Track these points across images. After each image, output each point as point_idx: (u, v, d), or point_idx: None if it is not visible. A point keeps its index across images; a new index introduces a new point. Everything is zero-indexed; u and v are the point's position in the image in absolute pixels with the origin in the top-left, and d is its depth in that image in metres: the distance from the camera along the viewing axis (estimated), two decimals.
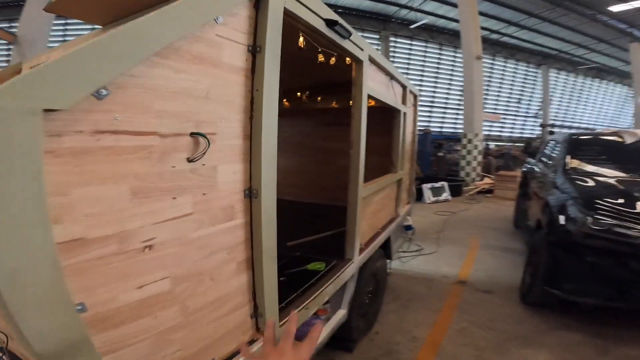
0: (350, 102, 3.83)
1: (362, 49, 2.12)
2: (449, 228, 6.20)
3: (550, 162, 4.59)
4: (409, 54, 17.28)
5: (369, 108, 3.73)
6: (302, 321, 1.70)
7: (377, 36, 16.38)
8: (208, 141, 1.02)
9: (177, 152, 0.95)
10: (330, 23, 1.64)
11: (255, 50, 1.20)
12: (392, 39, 16.58)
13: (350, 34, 1.84)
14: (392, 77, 3.03)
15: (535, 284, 3.22)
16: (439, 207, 7.90)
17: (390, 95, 3.02)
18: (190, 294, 1.04)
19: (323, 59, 2.40)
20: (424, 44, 17.42)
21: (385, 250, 3.20)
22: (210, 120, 1.05)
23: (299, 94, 3.84)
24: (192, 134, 0.99)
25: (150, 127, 0.88)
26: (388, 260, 3.54)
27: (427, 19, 15.63)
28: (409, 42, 17.05)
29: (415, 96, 4.17)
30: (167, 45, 0.88)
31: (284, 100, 3.93)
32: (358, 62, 2.17)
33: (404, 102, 3.55)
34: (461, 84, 12.05)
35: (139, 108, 0.85)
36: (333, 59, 2.35)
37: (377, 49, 16.02)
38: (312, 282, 1.91)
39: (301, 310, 1.65)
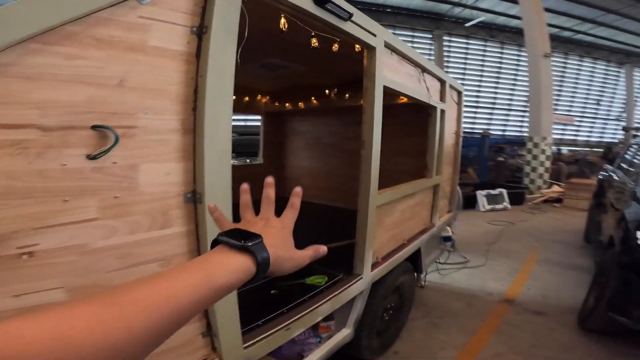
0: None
1: (373, 34, 1.83)
2: (504, 239, 5.51)
3: (632, 169, 3.87)
4: (466, 53, 16.16)
5: (400, 105, 3.39)
6: (283, 341, 1.46)
7: (429, 36, 15.50)
8: (116, 136, 0.84)
9: (70, 148, 0.79)
10: (320, 1, 1.39)
11: (201, 31, 1.01)
12: (446, 38, 15.57)
13: (351, 15, 1.56)
14: (423, 69, 2.66)
15: (598, 308, 2.70)
16: (495, 216, 7.12)
17: (421, 90, 2.65)
18: None
19: (344, 50, 2.14)
20: (482, 43, 16.19)
21: (415, 263, 2.84)
22: (126, 111, 0.88)
23: (326, 91, 3.59)
24: (94, 127, 0.82)
25: (25, 119, 0.73)
26: (422, 274, 3.18)
27: (484, 17, 14.46)
28: (465, 41, 15.95)
29: (459, 93, 3.71)
30: (51, 30, 0.74)
31: (312, 98, 3.71)
32: (369, 48, 1.88)
33: (442, 98, 3.15)
34: (527, 84, 10.94)
35: (8, 99, 0.71)
36: (355, 49, 2.08)
37: (430, 49, 15.22)
38: (304, 299, 1.67)
39: (280, 330, 1.43)
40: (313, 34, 1.64)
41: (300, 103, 3.86)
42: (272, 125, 4.36)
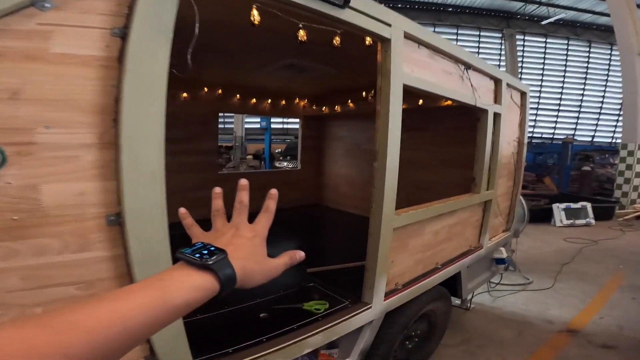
0: (420, 100, 3.07)
1: (387, 24, 1.50)
2: (581, 260, 4.58)
3: None
4: (544, 52, 14.13)
5: (445, 108, 2.92)
6: None
7: (499, 35, 13.85)
8: (3, 155, 0.72)
9: None
10: None
11: (124, 33, 0.86)
12: (519, 37, 13.75)
13: (347, 1, 1.27)
14: (468, 65, 2.19)
15: None
16: (574, 232, 6.00)
17: (463, 89, 2.19)
18: None
19: (372, 47, 1.83)
20: (564, 42, 14.01)
21: (453, 287, 2.41)
22: (21, 127, 0.76)
23: (364, 93, 3.24)
24: None
25: None
26: (465, 299, 2.70)
27: (564, 14, 12.48)
28: (542, 40, 13.95)
29: (522, 94, 3.09)
30: None
31: (349, 101, 3.38)
32: (383, 41, 1.55)
33: (496, 99, 2.62)
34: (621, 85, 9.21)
35: None
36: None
37: (500, 48, 13.55)
38: (291, 327, 1.43)
39: None
40: (300, 25, 1.39)
41: (337, 106, 3.57)
42: (310, 130, 4.17)
